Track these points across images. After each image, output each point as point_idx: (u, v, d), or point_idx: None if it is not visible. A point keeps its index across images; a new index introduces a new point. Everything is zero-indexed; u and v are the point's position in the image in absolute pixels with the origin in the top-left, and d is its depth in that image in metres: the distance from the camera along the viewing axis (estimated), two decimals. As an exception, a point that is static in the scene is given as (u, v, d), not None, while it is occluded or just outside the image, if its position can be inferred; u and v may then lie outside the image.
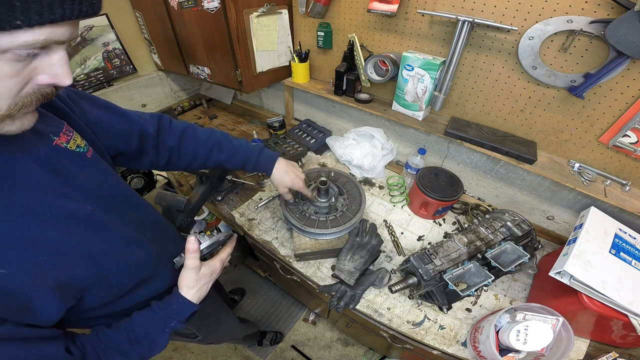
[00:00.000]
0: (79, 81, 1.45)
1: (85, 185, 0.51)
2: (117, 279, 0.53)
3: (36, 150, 0.45)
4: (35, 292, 0.41)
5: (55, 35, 0.33)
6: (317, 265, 1.01)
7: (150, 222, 0.66)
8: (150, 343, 0.59)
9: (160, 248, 0.65)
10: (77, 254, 0.46)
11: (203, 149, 0.81)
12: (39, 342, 0.44)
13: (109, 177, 0.58)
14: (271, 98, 1.79)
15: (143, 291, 0.61)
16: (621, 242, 0.78)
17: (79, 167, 0.51)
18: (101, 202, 0.52)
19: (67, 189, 0.47)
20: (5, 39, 0.30)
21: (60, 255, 0.44)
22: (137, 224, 0.60)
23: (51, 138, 0.48)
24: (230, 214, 1.18)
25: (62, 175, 0.47)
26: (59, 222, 0.44)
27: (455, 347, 0.83)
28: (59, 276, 0.43)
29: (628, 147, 0.79)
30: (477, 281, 0.76)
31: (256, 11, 1.13)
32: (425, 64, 0.94)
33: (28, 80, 0.35)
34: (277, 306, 1.89)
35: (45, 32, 0.32)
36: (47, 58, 0.35)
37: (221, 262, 0.70)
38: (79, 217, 0.47)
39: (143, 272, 0.59)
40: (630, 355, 0.80)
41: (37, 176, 0.44)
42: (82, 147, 0.53)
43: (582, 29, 0.71)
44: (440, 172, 1.11)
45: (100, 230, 0.50)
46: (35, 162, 0.44)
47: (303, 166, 1.40)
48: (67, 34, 0.35)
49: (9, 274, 0.38)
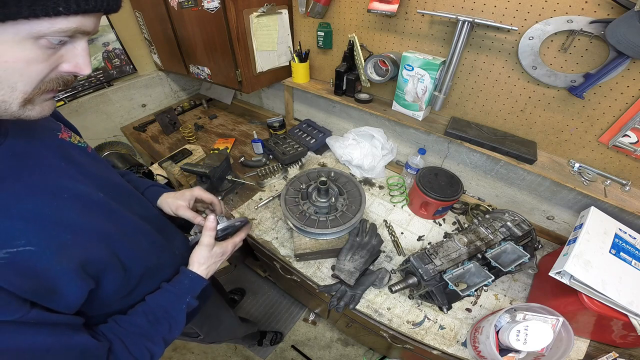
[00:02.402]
0: (79, 81, 1.45)
1: (94, 175, 0.53)
2: (128, 263, 0.54)
3: (46, 139, 0.49)
4: (60, 271, 0.41)
5: (84, 25, 0.36)
6: (317, 265, 1.01)
7: (153, 215, 0.69)
8: (170, 322, 0.59)
9: (164, 239, 0.67)
10: (95, 234, 0.48)
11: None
12: (67, 329, 0.45)
13: (111, 171, 0.62)
14: (271, 98, 1.79)
15: (149, 282, 0.62)
16: (621, 242, 0.78)
17: (84, 158, 0.54)
18: (110, 191, 0.55)
19: (79, 176, 0.50)
20: (46, 24, 0.32)
21: (81, 234, 0.45)
22: (141, 215, 0.62)
23: (56, 133, 0.52)
24: (230, 214, 1.18)
25: (72, 163, 0.50)
26: (77, 202, 0.46)
27: (455, 347, 0.83)
28: (80, 255, 0.44)
29: (628, 147, 0.79)
30: (477, 281, 0.76)
31: (256, 11, 1.13)
32: (425, 64, 0.94)
33: (54, 66, 0.37)
34: (277, 306, 1.89)
35: (78, 21, 0.35)
36: (72, 48, 0.38)
37: (233, 246, 0.71)
38: (93, 201, 0.50)
39: (149, 260, 0.60)
40: (630, 355, 0.80)
41: (52, 160, 0.47)
42: (82, 143, 0.57)
43: (582, 29, 0.71)
44: (440, 172, 1.11)
45: (112, 214, 0.53)
46: (47, 149, 0.47)
47: (303, 166, 1.40)
48: (93, 25, 0.38)
49: (37, 252, 0.39)
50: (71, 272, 0.42)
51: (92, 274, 0.47)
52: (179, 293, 0.61)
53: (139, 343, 0.54)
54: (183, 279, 0.63)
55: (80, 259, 0.44)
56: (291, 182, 1.07)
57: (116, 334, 0.53)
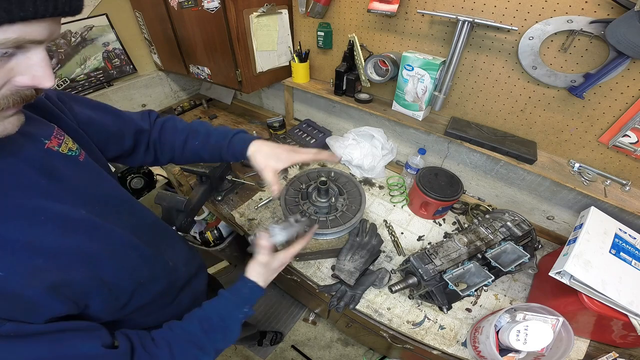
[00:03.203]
0: (79, 81, 1.45)
1: (78, 189, 0.49)
2: (114, 282, 0.51)
3: (27, 153, 0.44)
4: (34, 294, 0.40)
5: (28, 34, 0.31)
6: (317, 265, 1.01)
7: (147, 225, 0.65)
8: (225, 332, 0.58)
9: (157, 251, 0.64)
10: (74, 256, 0.45)
11: (179, 138, 0.77)
12: (66, 336, 0.42)
13: (103, 180, 0.57)
14: (271, 98, 1.79)
15: (143, 295, 0.59)
16: (621, 242, 0.78)
17: (71, 170, 0.50)
18: (95, 205, 0.51)
19: (61, 193, 0.46)
20: None
21: (56, 258, 0.43)
22: (133, 227, 0.59)
23: (43, 141, 0.47)
24: (230, 214, 1.18)
25: (55, 179, 0.46)
26: (54, 224, 0.43)
27: (455, 347, 0.83)
28: (56, 278, 0.42)
29: (628, 147, 0.79)
30: (477, 281, 0.76)
31: (256, 11, 1.13)
32: (425, 64, 0.94)
33: (5, 81, 0.33)
34: (277, 306, 1.89)
35: (17, 30, 0.29)
36: (25, 59, 0.33)
37: (292, 256, 0.71)
38: (73, 220, 0.46)
39: (140, 276, 0.57)
40: (630, 355, 0.80)
41: (30, 179, 0.43)
42: (74, 150, 0.52)
43: (582, 29, 0.71)
44: (440, 172, 1.11)
45: (96, 233, 0.49)
46: (27, 165, 0.43)
47: (303, 166, 1.40)
48: (45, 33, 0.32)
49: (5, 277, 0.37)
50: (46, 294, 0.41)
51: (70, 296, 0.44)
52: (238, 302, 0.61)
53: (189, 351, 0.53)
54: (241, 287, 0.62)
55: (55, 282, 0.41)
56: (291, 182, 1.07)
57: (166, 339, 0.52)
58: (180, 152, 0.77)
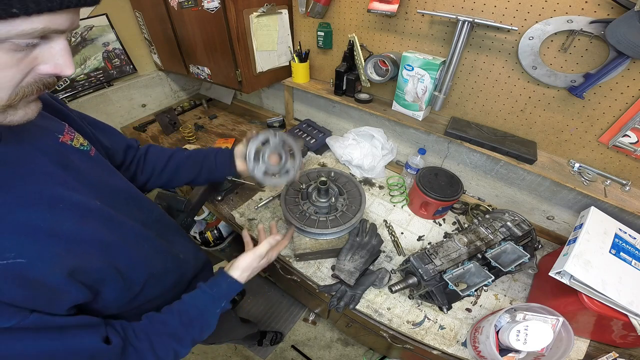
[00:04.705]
0: (79, 81, 1.46)
1: (92, 181, 0.52)
2: (128, 272, 0.53)
3: (42, 143, 0.46)
4: (56, 281, 0.41)
5: (54, 24, 0.32)
6: (317, 265, 1.01)
7: (155, 219, 0.67)
8: (203, 325, 0.59)
9: (168, 243, 0.66)
10: (92, 244, 0.47)
11: (163, 155, 0.80)
12: (75, 331, 0.44)
13: (112, 175, 0.59)
14: (271, 98, 1.79)
15: (155, 287, 0.61)
16: (621, 242, 0.78)
17: (85, 163, 0.52)
18: (108, 198, 0.53)
19: (76, 183, 0.48)
20: (3, 28, 0.29)
21: (76, 245, 0.44)
22: (142, 220, 0.61)
23: (56, 136, 0.49)
24: (230, 214, 1.18)
25: (70, 170, 0.48)
26: (72, 212, 0.45)
27: (455, 347, 0.83)
28: (75, 265, 0.43)
29: (628, 147, 0.79)
30: (477, 281, 0.76)
31: (256, 11, 1.13)
32: (425, 64, 0.94)
33: (29, 70, 0.34)
34: (277, 306, 1.89)
35: (44, 20, 0.31)
36: (48, 48, 0.34)
37: (277, 254, 0.76)
38: (90, 210, 0.48)
39: (152, 267, 0.59)
40: (630, 355, 0.80)
41: (47, 168, 0.45)
42: (85, 146, 0.55)
43: (582, 29, 0.71)
44: (440, 172, 1.11)
45: (110, 223, 0.51)
46: (43, 155, 0.45)
47: (303, 166, 1.40)
48: (67, 23, 0.34)
49: (28, 263, 0.38)
50: (65, 280, 0.42)
51: (87, 283, 0.46)
52: (216, 296, 0.61)
53: (167, 343, 0.55)
54: (221, 282, 0.63)
55: (74, 268, 0.43)
56: (291, 182, 1.07)
57: (147, 333, 0.53)
58: (162, 168, 0.79)
